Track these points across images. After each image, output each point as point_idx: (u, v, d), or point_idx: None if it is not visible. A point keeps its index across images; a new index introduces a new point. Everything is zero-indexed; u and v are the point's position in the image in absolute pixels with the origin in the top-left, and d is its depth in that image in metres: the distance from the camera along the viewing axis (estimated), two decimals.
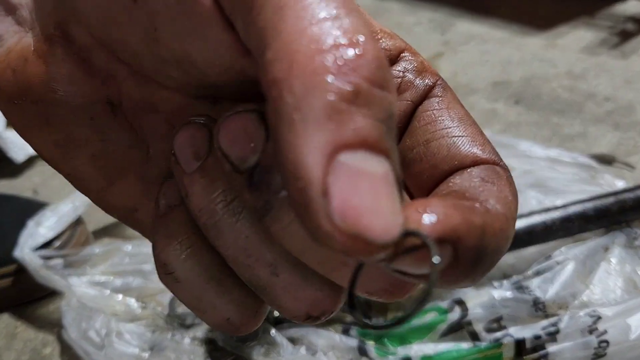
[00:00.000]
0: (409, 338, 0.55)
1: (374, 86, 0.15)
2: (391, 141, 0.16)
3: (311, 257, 0.20)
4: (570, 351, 0.51)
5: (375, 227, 0.14)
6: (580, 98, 0.94)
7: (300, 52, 0.15)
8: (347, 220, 0.14)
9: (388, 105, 0.16)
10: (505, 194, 0.19)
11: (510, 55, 1.11)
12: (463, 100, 0.23)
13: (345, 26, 0.16)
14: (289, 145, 0.15)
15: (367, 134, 0.15)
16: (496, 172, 0.20)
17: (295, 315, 0.22)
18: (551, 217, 0.59)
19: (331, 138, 0.15)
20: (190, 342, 0.58)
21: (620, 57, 1.05)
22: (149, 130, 0.23)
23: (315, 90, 0.15)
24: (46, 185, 0.83)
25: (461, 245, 0.16)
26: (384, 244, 0.15)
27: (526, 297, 0.56)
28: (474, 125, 0.21)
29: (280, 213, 0.19)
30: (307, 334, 0.55)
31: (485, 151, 0.20)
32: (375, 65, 0.15)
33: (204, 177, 0.21)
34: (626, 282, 0.58)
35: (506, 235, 0.18)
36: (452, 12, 1.31)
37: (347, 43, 0.15)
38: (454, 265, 0.17)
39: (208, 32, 0.19)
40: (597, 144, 0.82)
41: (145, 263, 0.64)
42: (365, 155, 0.15)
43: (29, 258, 0.59)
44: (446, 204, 0.17)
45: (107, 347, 0.56)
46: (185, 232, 0.23)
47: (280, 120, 0.15)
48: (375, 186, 0.15)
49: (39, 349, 0.59)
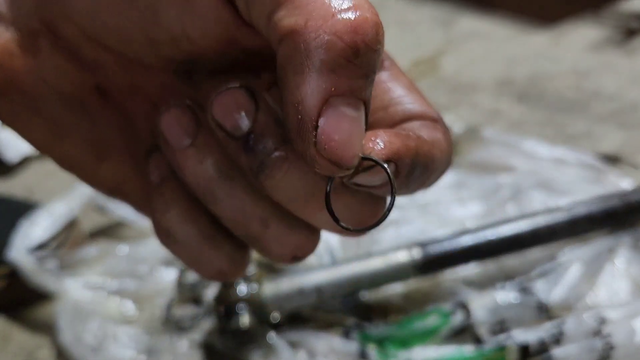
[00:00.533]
0: (410, 342, 0.54)
1: (370, 48, 0.20)
2: (370, 92, 0.21)
3: (296, 205, 0.24)
4: (575, 354, 0.50)
5: (345, 156, 0.20)
6: (585, 96, 0.93)
7: (316, 13, 0.19)
8: (327, 150, 0.20)
9: (375, 64, 0.20)
10: (437, 134, 0.25)
11: (514, 53, 1.10)
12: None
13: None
14: (295, 86, 0.20)
15: (356, 86, 0.20)
16: (434, 124, 0.25)
17: (283, 258, 0.27)
18: (555, 218, 0.58)
19: (329, 86, 0.19)
20: (188, 345, 0.57)
21: (625, 55, 1.04)
22: (134, 110, 0.26)
23: (326, 45, 0.19)
24: (41, 186, 0.83)
25: (400, 161, 0.22)
26: (349, 166, 0.20)
27: (530, 299, 0.55)
28: (418, 91, 0.27)
29: (273, 171, 0.23)
30: (306, 338, 0.54)
31: (429, 112, 0.26)
32: (373, 30, 0.20)
33: (196, 152, 0.25)
34: (632, 284, 0.57)
35: (432, 156, 0.24)
36: (455, 8, 1.31)
37: (353, 10, 0.20)
38: (396, 177, 0.22)
39: (208, 9, 0.22)
40: (602, 143, 0.81)
41: (142, 265, 0.63)
42: (350, 101, 0.20)
43: (23, 259, 0.59)
44: (390, 134, 0.22)
45: (102, 350, 0.55)
46: (182, 199, 0.26)
47: (291, 64, 0.20)
48: (351, 126, 0.20)
49: (34, 352, 0.58)
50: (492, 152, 0.74)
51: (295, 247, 0.27)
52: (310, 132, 0.20)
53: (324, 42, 0.19)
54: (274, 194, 0.24)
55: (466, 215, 0.67)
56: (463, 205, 0.69)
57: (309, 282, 0.55)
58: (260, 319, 0.55)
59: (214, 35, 0.23)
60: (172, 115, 0.25)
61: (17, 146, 0.84)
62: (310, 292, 0.55)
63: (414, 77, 1.03)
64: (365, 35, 0.19)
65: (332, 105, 0.20)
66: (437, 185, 0.72)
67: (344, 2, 0.20)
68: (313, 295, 0.55)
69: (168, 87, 0.26)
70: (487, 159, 0.74)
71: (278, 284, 0.55)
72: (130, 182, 0.28)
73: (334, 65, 0.19)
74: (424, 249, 0.56)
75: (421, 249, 0.56)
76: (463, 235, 0.57)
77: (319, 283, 0.55)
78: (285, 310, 0.56)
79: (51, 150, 0.26)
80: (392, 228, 0.65)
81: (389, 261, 0.56)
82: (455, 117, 0.88)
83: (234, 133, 0.23)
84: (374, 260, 0.56)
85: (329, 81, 0.19)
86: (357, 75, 0.20)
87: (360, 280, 0.55)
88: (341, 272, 0.55)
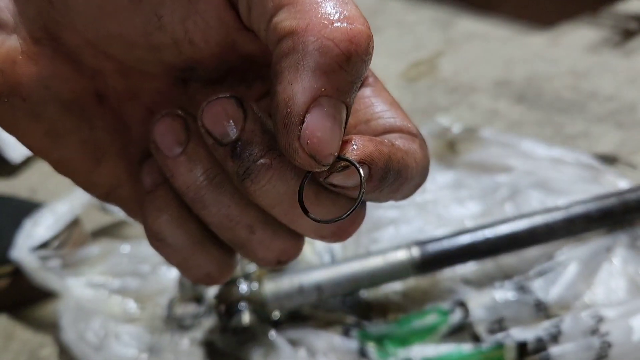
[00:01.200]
0: (409, 340, 0.54)
1: (360, 58, 0.21)
2: (353, 97, 0.22)
3: (280, 211, 0.25)
4: (572, 353, 0.50)
5: (324, 152, 0.22)
6: (583, 97, 0.93)
7: (316, 19, 0.21)
8: (309, 144, 0.21)
9: (362, 73, 0.22)
10: (413, 146, 0.26)
11: (513, 54, 1.10)
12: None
13: (349, 7, 0.21)
14: (289, 81, 0.21)
15: (343, 90, 0.21)
16: (412, 137, 0.27)
17: (268, 262, 0.28)
18: (553, 217, 0.58)
19: (319, 86, 0.21)
20: (189, 343, 0.57)
21: (623, 56, 1.05)
22: (131, 116, 0.27)
23: (323, 49, 0.21)
24: (44, 185, 0.83)
25: (373, 164, 0.23)
26: (325, 163, 0.22)
27: (528, 298, 0.56)
28: (399, 108, 0.28)
29: (258, 177, 0.24)
30: (306, 336, 0.55)
31: (408, 126, 0.27)
32: (366, 42, 0.21)
33: (187, 160, 0.26)
34: (629, 283, 0.57)
35: (405, 164, 0.25)
36: (454, 10, 1.31)
37: (350, 21, 0.21)
38: (368, 180, 0.23)
39: (211, 12, 0.23)
40: (599, 143, 0.81)
41: (144, 264, 0.63)
42: (336, 103, 0.21)
43: (26, 259, 0.59)
44: (365, 138, 0.23)
45: (104, 348, 0.55)
46: (173, 205, 0.27)
47: (287, 61, 0.21)
48: (333, 126, 0.22)
49: (37, 351, 0.59)
50: (490, 152, 0.75)
51: (280, 251, 0.28)
52: (296, 126, 0.21)
53: (321, 46, 0.21)
54: (258, 199, 0.25)
55: (465, 214, 0.68)
56: (462, 204, 0.69)
57: (309, 280, 0.55)
58: (260, 317, 0.55)
59: (216, 39, 0.24)
60: (164, 124, 0.26)
61: (20, 146, 0.85)
62: (310, 290, 0.55)
63: (413, 77, 1.03)
64: (359, 45, 0.21)
65: (319, 104, 0.21)
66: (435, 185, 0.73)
67: (342, 13, 0.21)
68: (313, 293, 0.55)
69: (164, 94, 0.27)
70: (486, 159, 0.74)
71: (278, 282, 0.55)
72: (124, 186, 0.28)
73: (327, 68, 0.21)
74: (422, 248, 0.56)
75: (420, 248, 0.56)
76: (461, 235, 0.58)
77: (319, 282, 0.55)
78: (285, 308, 0.56)
79: (48, 154, 0.26)
80: (391, 227, 0.66)
81: (388, 260, 0.56)
82: (454, 118, 0.89)
83: (222, 140, 0.24)
84: (373, 259, 0.56)
85: (320, 82, 0.21)
86: (346, 80, 0.21)
87: (359, 279, 0.56)
88: (341, 271, 0.56)
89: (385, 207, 0.68)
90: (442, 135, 0.81)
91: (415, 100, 0.97)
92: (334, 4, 0.21)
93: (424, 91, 1.00)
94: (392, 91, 0.28)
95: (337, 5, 0.21)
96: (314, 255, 0.62)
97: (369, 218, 0.66)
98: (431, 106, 0.95)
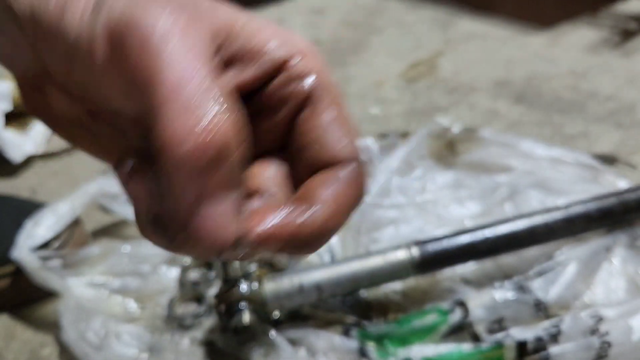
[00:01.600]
0: (409, 340, 0.54)
1: (225, 161, 0.22)
2: (237, 184, 0.23)
3: None
4: (572, 352, 0.50)
5: (216, 239, 0.22)
6: (582, 97, 0.94)
7: (178, 124, 0.21)
8: (199, 236, 0.22)
9: (234, 169, 0.22)
10: (340, 198, 0.25)
11: (512, 54, 1.10)
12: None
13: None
14: (166, 185, 0.22)
15: (221, 186, 0.22)
16: (347, 174, 0.26)
17: None
18: (553, 217, 0.59)
19: (198, 189, 0.22)
20: (189, 343, 0.57)
21: (622, 56, 1.05)
22: (120, 124, 0.29)
23: (190, 156, 0.21)
24: (44, 185, 0.83)
25: (275, 242, 0.24)
26: (221, 248, 0.22)
27: (527, 298, 0.56)
28: (341, 127, 0.26)
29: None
30: (306, 335, 0.55)
31: (342, 152, 0.26)
32: (225, 148, 0.21)
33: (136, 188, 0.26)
34: (629, 283, 0.58)
35: (314, 237, 0.24)
36: (453, 10, 1.31)
37: (210, 129, 0.21)
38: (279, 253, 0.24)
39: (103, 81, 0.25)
40: (599, 143, 0.81)
41: (144, 264, 0.63)
42: (217, 199, 0.22)
43: (27, 259, 0.59)
44: (266, 220, 0.24)
45: (105, 348, 0.55)
46: None
47: (163, 170, 0.22)
48: (219, 221, 0.22)
49: (37, 350, 0.59)
50: (490, 152, 0.75)
51: None
52: (182, 229, 0.22)
53: (187, 153, 0.21)
54: None
55: (464, 214, 0.68)
56: (461, 204, 0.69)
57: (309, 280, 0.55)
58: (261, 316, 0.56)
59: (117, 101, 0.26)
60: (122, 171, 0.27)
61: (20, 146, 0.85)
62: (310, 290, 0.55)
63: (413, 77, 1.03)
64: (220, 152, 0.21)
65: (202, 203, 0.22)
66: (435, 185, 0.73)
67: (202, 120, 0.21)
68: (313, 293, 0.55)
69: None
70: (485, 159, 0.74)
71: (278, 282, 0.55)
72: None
73: (200, 172, 0.21)
74: (422, 248, 0.56)
75: (420, 248, 0.56)
76: (461, 234, 0.58)
77: (319, 281, 0.55)
78: (285, 308, 0.56)
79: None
80: (391, 227, 0.66)
81: (388, 260, 0.56)
82: (454, 118, 0.89)
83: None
84: (373, 258, 0.56)
85: (198, 185, 0.22)
86: (220, 179, 0.22)
87: (359, 278, 0.56)
88: (341, 271, 0.56)
89: (385, 207, 0.68)
90: (442, 135, 0.82)
91: (415, 100, 0.97)
92: (194, 116, 0.22)
93: (423, 91, 1.00)
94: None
95: (192, 122, 0.22)
96: (314, 255, 0.62)
97: (369, 218, 0.66)
98: (431, 106, 0.95)
